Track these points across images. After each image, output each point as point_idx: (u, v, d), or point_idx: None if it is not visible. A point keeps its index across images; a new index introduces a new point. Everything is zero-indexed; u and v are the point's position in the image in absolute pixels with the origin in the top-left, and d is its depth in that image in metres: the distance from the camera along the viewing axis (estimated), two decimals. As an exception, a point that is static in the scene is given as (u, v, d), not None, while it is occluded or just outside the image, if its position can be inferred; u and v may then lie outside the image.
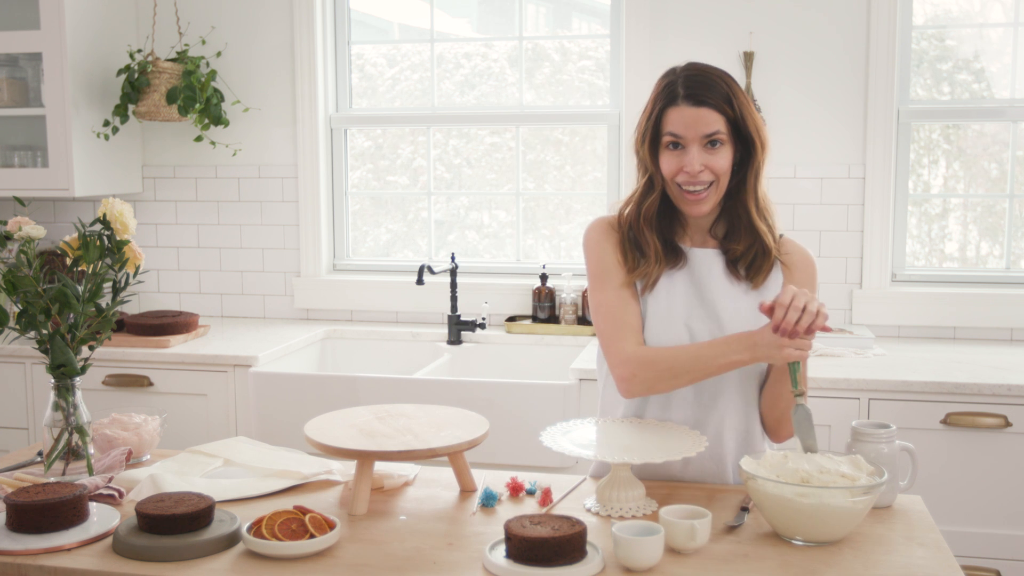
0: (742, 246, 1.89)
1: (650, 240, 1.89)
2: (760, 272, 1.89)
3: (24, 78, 3.57)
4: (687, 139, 1.82)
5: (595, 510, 1.75)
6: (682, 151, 1.83)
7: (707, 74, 1.84)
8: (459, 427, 1.88)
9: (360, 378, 3.00)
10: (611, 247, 1.93)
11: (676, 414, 1.91)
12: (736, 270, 1.90)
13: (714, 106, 1.81)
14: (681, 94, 1.82)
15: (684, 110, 1.81)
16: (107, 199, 1.94)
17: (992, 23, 3.38)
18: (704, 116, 1.81)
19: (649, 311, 1.90)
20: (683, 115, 1.81)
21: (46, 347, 1.89)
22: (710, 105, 1.81)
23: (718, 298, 1.89)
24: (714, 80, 1.83)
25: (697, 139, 1.82)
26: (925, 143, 3.46)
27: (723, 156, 1.83)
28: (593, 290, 1.94)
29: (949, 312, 3.30)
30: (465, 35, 3.80)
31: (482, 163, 3.77)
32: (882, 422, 1.81)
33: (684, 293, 1.89)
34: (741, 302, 1.89)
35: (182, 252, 3.86)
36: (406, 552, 1.59)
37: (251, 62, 3.71)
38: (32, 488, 1.68)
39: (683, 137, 1.82)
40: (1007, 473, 2.72)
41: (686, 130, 1.81)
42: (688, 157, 1.82)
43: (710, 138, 1.82)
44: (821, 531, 1.59)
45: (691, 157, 1.81)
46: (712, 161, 1.82)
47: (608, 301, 1.90)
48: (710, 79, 1.83)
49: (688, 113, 1.81)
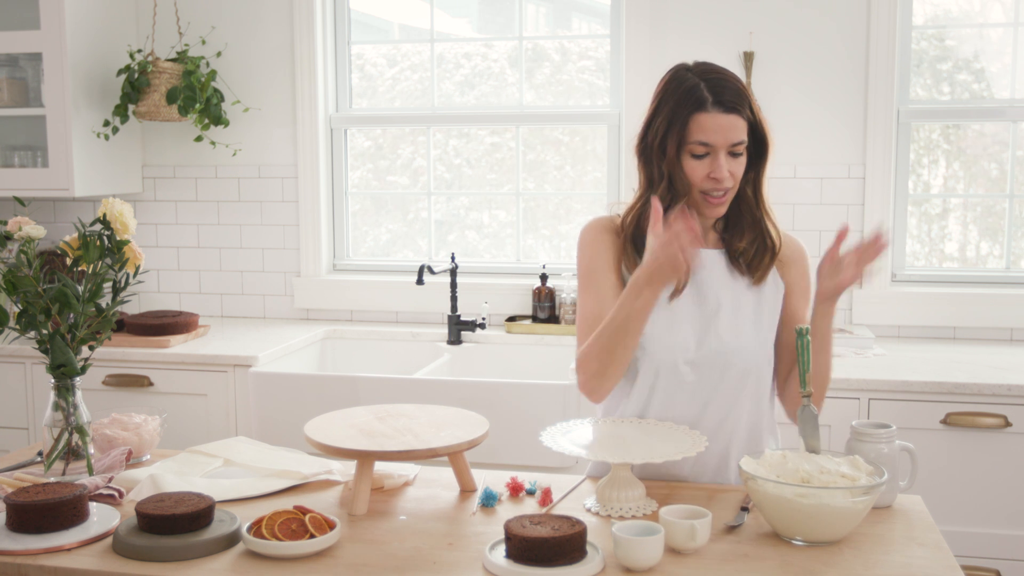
0: (744, 242, 1.89)
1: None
2: (761, 268, 1.89)
3: (24, 78, 3.57)
4: (717, 147, 1.79)
5: (595, 510, 1.75)
6: (710, 159, 1.80)
7: (729, 79, 1.82)
8: (459, 427, 1.88)
9: (360, 378, 3.00)
10: (603, 249, 1.91)
11: (680, 411, 1.89)
12: (739, 265, 1.90)
13: (742, 113, 1.80)
14: (710, 99, 1.78)
15: (716, 117, 1.78)
16: (107, 199, 1.94)
17: (992, 23, 3.38)
18: (735, 124, 1.79)
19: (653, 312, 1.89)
20: (716, 122, 1.78)
21: (46, 347, 1.89)
22: (739, 112, 1.79)
23: (721, 295, 1.88)
24: (738, 86, 1.81)
25: (726, 146, 1.80)
26: (925, 143, 3.46)
27: (743, 162, 1.84)
28: (578, 291, 1.94)
29: (949, 312, 3.30)
30: (465, 35, 3.80)
31: (482, 163, 3.77)
32: (882, 422, 1.81)
33: (688, 294, 1.88)
34: (743, 298, 1.89)
35: (182, 252, 3.86)
36: (406, 552, 1.59)
37: (251, 62, 3.71)
38: (32, 488, 1.68)
39: (713, 145, 1.79)
40: (1007, 473, 2.72)
41: (716, 138, 1.78)
42: (717, 164, 1.79)
43: (737, 147, 1.80)
44: (821, 531, 1.59)
45: (720, 164, 1.79)
46: (735, 167, 1.82)
47: (587, 305, 1.90)
48: (735, 85, 1.81)
49: (721, 120, 1.78)
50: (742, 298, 1.89)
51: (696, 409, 1.89)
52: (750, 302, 1.89)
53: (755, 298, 1.89)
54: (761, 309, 1.90)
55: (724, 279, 1.89)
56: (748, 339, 1.87)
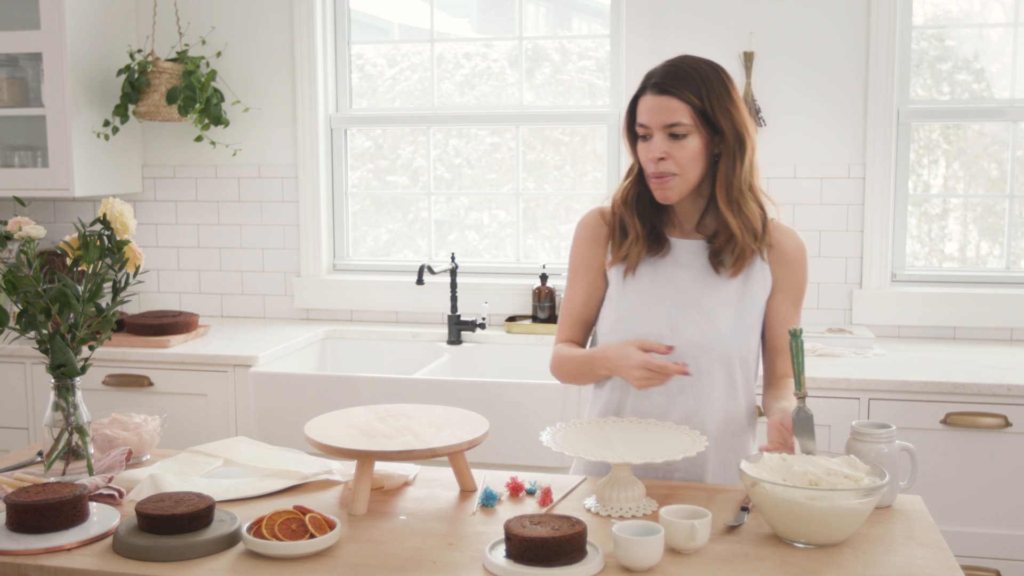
0: (723, 238, 1.89)
1: (631, 222, 1.92)
2: (730, 262, 1.89)
3: (24, 78, 3.57)
4: (651, 128, 1.83)
5: (595, 510, 1.75)
6: (650, 140, 1.85)
7: (683, 65, 1.84)
8: (459, 427, 1.88)
9: (360, 378, 3.00)
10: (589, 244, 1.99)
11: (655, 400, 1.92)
12: (720, 260, 1.90)
13: (678, 95, 1.81)
14: (650, 82, 1.84)
15: (648, 99, 1.84)
16: (107, 199, 1.94)
17: (992, 23, 3.38)
18: (667, 105, 1.81)
19: (628, 298, 1.93)
20: (647, 104, 1.84)
21: (46, 347, 1.89)
22: (673, 94, 1.81)
23: (701, 288, 1.90)
24: (687, 70, 1.83)
25: (660, 128, 1.82)
26: (925, 143, 3.46)
27: (687, 147, 1.83)
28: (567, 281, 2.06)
29: (949, 312, 3.30)
30: (465, 35, 3.80)
31: (482, 163, 3.77)
32: (882, 422, 1.81)
33: (667, 283, 1.91)
34: (724, 292, 1.90)
35: (182, 252, 3.86)
36: (406, 552, 1.59)
37: (251, 62, 3.71)
38: (32, 488, 1.68)
39: (648, 126, 1.84)
40: (1007, 473, 2.72)
41: (649, 119, 1.83)
42: (651, 144, 1.84)
43: (671, 128, 1.82)
44: (828, 533, 1.58)
45: (652, 145, 1.83)
46: (676, 151, 1.83)
47: (567, 299, 2.04)
48: (684, 69, 1.83)
49: (651, 102, 1.83)
50: (722, 290, 1.90)
51: (670, 398, 1.91)
52: (731, 294, 1.90)
53: (737, 290, 1.90)
54: (743, 301, 1.90)
55: (703, 271, 1.91)
56: (725, 330, 1.88)
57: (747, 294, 1.91)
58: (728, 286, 1.90)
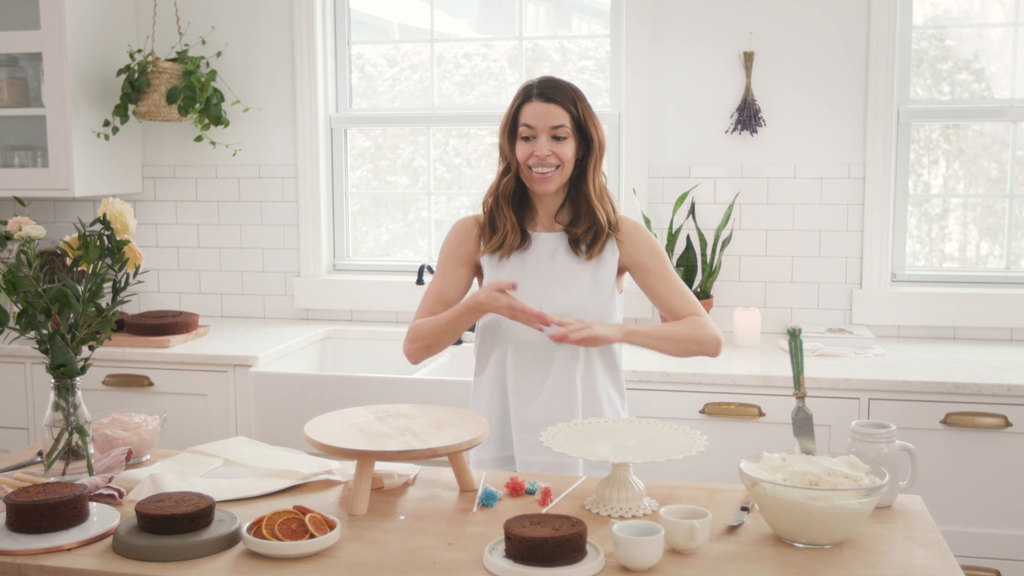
0: (582, 227, 2.23)
1: (506, 214, 2.24)
2: (595, 246, 2.22)
3: (24, 78, 3.57)
4: (538, 129, 2.18)
5: (595, 510, 1.75)
6: (534, 140, 2.18)
7: (558, 81, 2.23)
8: (459, 427, 1.88)
9: (360, 378, 3.00)
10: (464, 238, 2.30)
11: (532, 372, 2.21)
12: (578, 247, 2.23)
13: (561, 104, 2.19)
14: (535, 93, 2.20)
15: (536, 105, 2.19)
16: (107, 199, 1.94)
17: (992, 23, 3.38)
18: (552, 111, 2.18)
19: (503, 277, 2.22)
20: (535, 109, 2.19)
21: (46, 347, 1.89)
22: (558, 103, 2.19)
23: (562, 270, 2.23)
24: (563, 86, 2.22)
25: (546, 129, 2.17)
26: (925, 143, 3.46)
27: (567, 146, 2.19)
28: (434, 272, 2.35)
29: (949, 312, 3.30)
30: (465, 35, 3.80)
31: (482, 163, 3.77)
32: (882, 422, 1.81)
33: (534, 266, 2.23)
34: (582, 272, 2.23)
35: (182, 252, 3.86)
36: (406, 552, 1.59)
37: (251, 62, 3.71)
38: (32, 488, 1.68)
39: (535, 128, 2.18)
40: (1007, 473, 2.72)
41: (537, 121, 2.18)
42: (538, 144, 2.17)
43: (556, 130, 2.17)
44: (828, 533, 1.58)
45: (541, 143, 2.17)
46: (558, 149, 2.18)
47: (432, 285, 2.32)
48: (560, 85, 2.22)
49: (539, 108, 2.18)
50: (581, 271, 2.23)
51: (545, 368, 2.21)
52: (588, 273, 2.22)
53: (592, 269, 2.23)
54: (597, 277, 2.23)
55: (563, 256, 2.24)
56: (585, 302, 2.21)
57: (600, 271, 2.23)
58: (585, 266, 2.23)
